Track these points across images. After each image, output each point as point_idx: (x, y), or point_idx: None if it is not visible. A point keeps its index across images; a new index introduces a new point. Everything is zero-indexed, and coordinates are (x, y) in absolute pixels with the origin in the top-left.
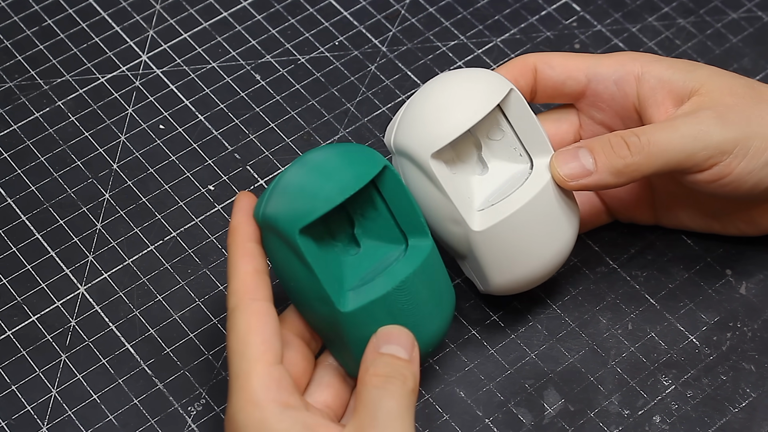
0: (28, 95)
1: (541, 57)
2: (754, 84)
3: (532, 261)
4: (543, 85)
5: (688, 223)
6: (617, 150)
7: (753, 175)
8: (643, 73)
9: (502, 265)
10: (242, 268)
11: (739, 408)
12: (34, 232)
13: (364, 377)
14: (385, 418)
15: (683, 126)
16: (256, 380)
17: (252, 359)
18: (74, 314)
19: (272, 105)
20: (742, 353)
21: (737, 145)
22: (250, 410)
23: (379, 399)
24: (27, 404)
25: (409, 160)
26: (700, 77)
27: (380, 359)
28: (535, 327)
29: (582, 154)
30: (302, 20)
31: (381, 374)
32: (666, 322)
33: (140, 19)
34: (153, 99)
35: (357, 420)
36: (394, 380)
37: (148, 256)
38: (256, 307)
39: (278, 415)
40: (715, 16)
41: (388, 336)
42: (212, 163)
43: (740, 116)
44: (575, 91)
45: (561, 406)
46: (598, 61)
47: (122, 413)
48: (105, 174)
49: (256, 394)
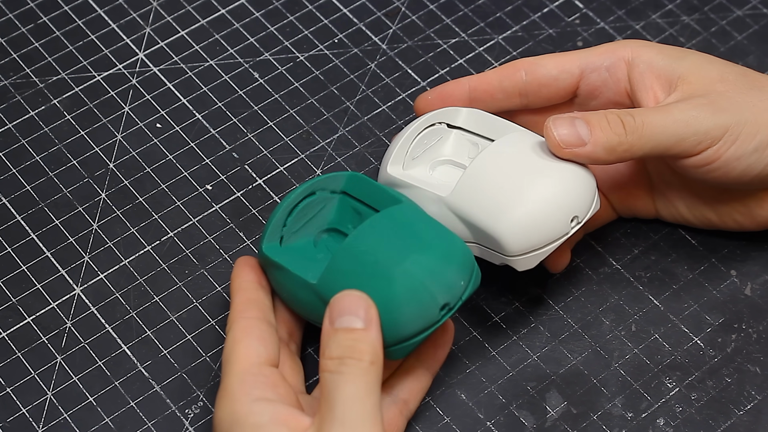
0: (23, 93)
1: (529, 59)
2: (745, 71)
3: (527, 195)
4: (536, 84)
5: (686, 214)
6: (613, 126)
7: (741, 161)
8: (633, 58)
9: (496, 212)
10: (236, 299)
11: (744, 411)
12: (29, 232)
13: (321, 361)
14: (343, 407)
15: (676, 111)
16: (233, 377)
17: (233, 361)
18: (70, 315)
19: (271, 103)
20: (747, 355)
21: (727, 131)
22: (225, 404)
23: (335, 386)
24: (22, 407)
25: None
26: (689, 64)
27: (333, 338)
28: (537, 328)
29: (579, 123)
30: (301, 17)
31: (335, 356)
32: (670, 324)
33: (137, 16)
34: (150, 97)
35: (319, 412)
36: (348, 361)
37: (144, 257)
38: (245, 322)
39: (247, 406)
40: (720, 13)
41: (339, 306)
42: (210, 162)
43: (731, 103)
44: (569, 85)
45: (563, 409)
46: (588, 52)
47: (118, 416)
48: (101, 173)
49: (231, 388)
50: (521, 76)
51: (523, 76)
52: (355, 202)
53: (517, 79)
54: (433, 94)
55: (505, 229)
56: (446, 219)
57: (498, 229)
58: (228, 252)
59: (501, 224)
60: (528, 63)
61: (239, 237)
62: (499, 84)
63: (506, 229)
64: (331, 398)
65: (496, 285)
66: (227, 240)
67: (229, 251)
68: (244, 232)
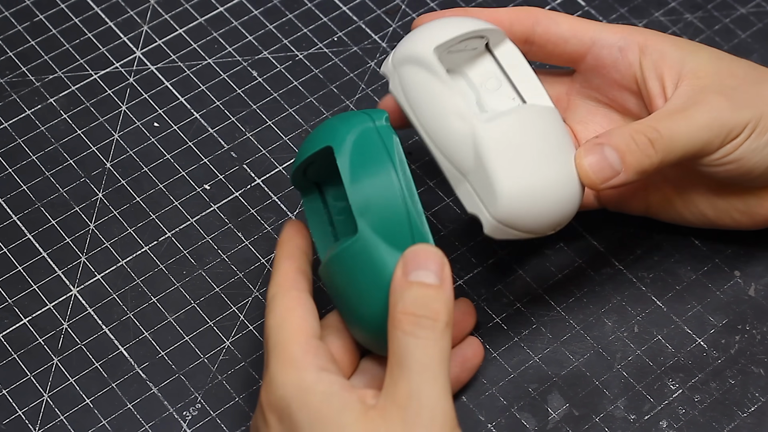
0: (20, 92)
1: (546, 12)
2: (753, 65)
3: (543, 174)
4: (545, 39)
5: (682, 210)
6: (643, 148)
7: (756, 154)
8: (647, 45)
9: (512, 171)
10: (286, 265)
11: (747, 413)
12: (25, 232)
13: (394, 314)
14: (418, 372)
15: (697, 114)
16: (296, 346)
17: (291, 330)
18: (66, 316)
19: (269, 102)
20: (751, 356)
21: (746, 125)
22: (290, 372)
23: (409, 351)
24: (18, 409)
25: (411, 65)
26: (701, 59)
27: (408, 292)
28: (538, 330)
29: (608, 152)
30: (300, 15)
31: (410, 313)
32: (673, 325)
33: (134, 14)
34: (147, 96)
35: (390, 376)
36: (424, 321)
37: (142, 257)
38: (296, 293)
39: (316, 375)
40: (724, 11)
41: (415, 258)
42: (208, 161)
43: (747, 96)
44: (577, 52)
45: (565, 411)
46: (603, 27)
47: (116, 418)
48: (98, 173)
49: (296, 357)
50: (533, 26)
51: (535, 26)
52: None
53: (528, 28)
54: (439, 17)
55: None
56: (461, 137)
57: (505, 189)
58: (226, 252)
59: (511, 188)
60: (543, 15)
61: (238, 237)
62: (509, 26)
63: (511, 197)
64: (404, 364)
65: (498, 286)
66: (225, 240)
67: (227, 252)
68: (242, 232)
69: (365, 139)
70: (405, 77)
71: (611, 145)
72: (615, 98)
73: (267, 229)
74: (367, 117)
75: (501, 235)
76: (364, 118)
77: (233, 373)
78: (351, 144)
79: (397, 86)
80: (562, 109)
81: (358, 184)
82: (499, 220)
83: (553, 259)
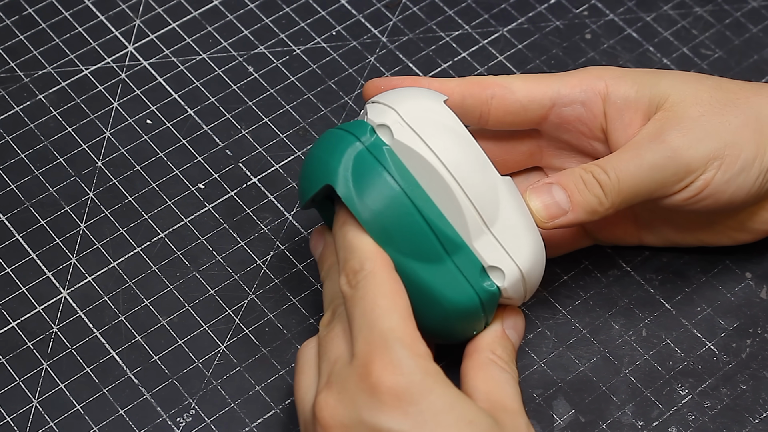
0: (8, 88)
1: (499, 79)
2: (720, 84)
3: (536, 229)
4: (503, 111)
5: (676, 239)
6: (590, 188)
7: (730, 185)
8: (609, 93)
9: (530, 222)
10: (365, 238)
11: (759, 419)
12: (14, 233)
13: (489, 354)
14: (512, 402)
15: (649, 154)
16: (415, 332)
17: (406, 315)
18: (56, 320)
19: (266, 98)
20: (763, 361)
21: (708, 159)
22: (418, 359)
23: (504, 381)
24: (6, 415)
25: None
26: (664, 90)
27: (504, 343)
28: (543, 333)
29: (555, 190)
30: (297, 9)
31: (503, 358)
32: (682, 328)
33: (126, 7)
34: (140, 92)
35: (486, 395)
36: (510, 365)
37: (134, 259)
38: (395, 274)
39: (434, 365)
40: (735, 4)
41: (515, 320)
42: (202, 159)
43: (707, 129)
44: (538, 116)
45: (571, 417)
46: (562, 82)
47: (107, 424)
48: (89, 171)
49: (418, 343)
50: (487, 98)
51: (490, 100)
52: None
53: (482, 100)
54: (387, 85)
55: (536, 246)
56: (490, 187)
57: (530, 239)
58: (221, 253)
59: (536, 238)
60: (497, 85)
61: (233, 238)
62: (461, 100)
63: (536, 248)
64: (502, 388)
65: None
66: (220, 241)
67: (222, 252)
68: (237, 232)
69: (360, 166)
70: (410, 153)
71: (560, 184)
72: (585, 148)
73: (263, 230)
74: (352, 137)
75: (510, 293)
76: (350, 139)
77: (228, 378)
78: (350, 177)
79: (411, 137)
80: (539, 162)
81: (371, 219)
82: (524, 269)
83: (559, 261)
